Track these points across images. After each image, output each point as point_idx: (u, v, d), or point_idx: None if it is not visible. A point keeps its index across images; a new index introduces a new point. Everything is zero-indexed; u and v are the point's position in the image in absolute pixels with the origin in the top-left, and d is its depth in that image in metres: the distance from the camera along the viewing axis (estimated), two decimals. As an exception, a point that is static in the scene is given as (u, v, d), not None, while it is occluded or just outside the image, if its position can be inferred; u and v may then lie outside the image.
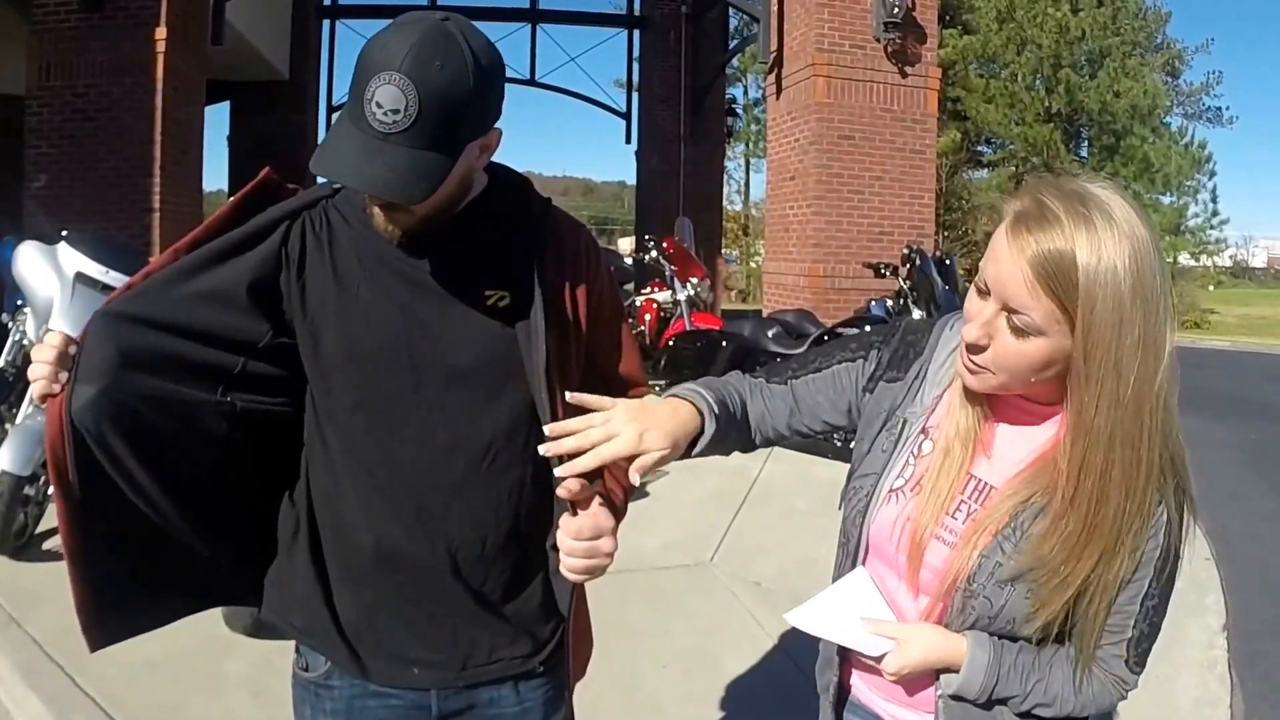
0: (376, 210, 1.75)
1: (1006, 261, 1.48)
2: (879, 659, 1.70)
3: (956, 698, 1.67)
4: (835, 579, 1.84)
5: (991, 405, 1.68)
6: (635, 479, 1.60)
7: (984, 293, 1.54)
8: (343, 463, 1.82)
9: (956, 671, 1.66)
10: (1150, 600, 1.61)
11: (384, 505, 1.81)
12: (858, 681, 1.89)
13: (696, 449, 1.71)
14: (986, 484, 1.67)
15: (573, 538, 1.73)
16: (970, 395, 1.66)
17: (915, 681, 1.73)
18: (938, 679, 1.70)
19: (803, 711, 4.18)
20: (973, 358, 1.58)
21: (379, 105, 1.56)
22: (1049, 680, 1.65)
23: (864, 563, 1.79)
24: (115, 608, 1.85)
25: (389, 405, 1.79)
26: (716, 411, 1.73)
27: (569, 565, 1.75)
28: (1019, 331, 1.50)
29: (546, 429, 1.64)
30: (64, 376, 1.66)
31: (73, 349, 1.67)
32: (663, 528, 6.43)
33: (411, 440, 1.80)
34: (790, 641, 4.91)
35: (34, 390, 1.67)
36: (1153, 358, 1.46)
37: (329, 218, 1.83)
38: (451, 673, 1.90)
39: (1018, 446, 1.67)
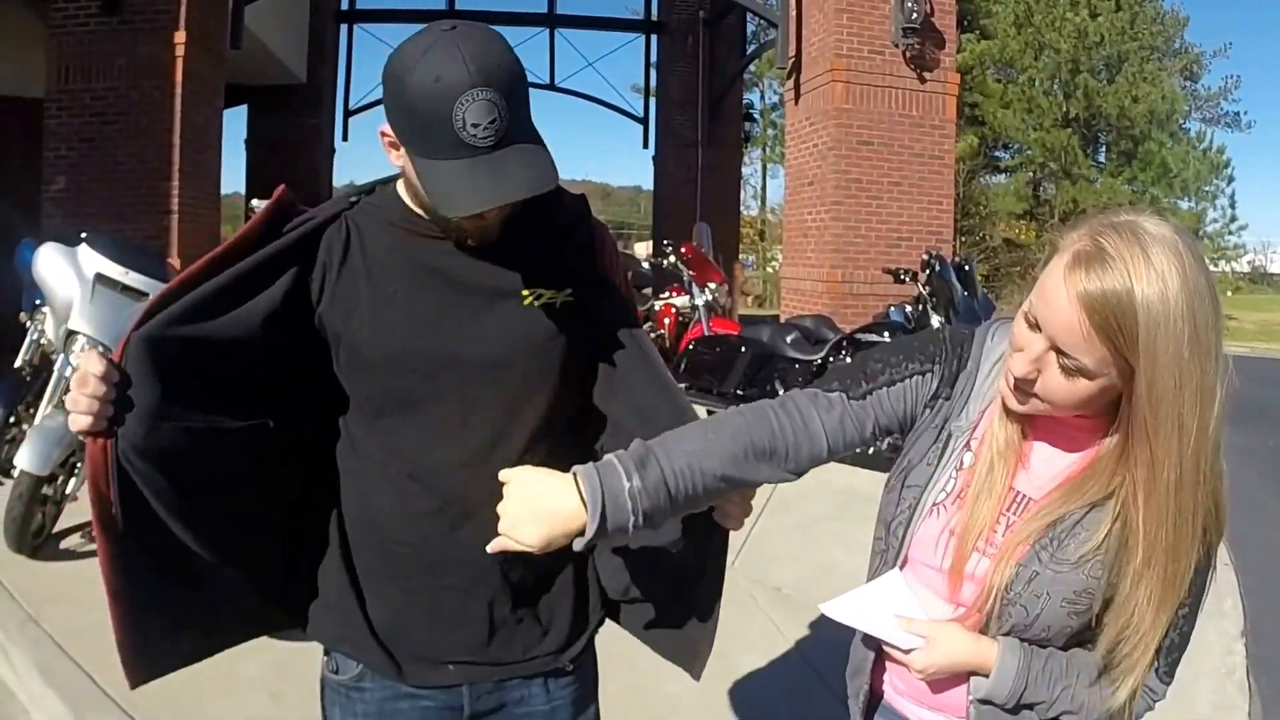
0: (464, 224, 1.75)
1: (1061, 306, 1.46)
2: (908, 651, 1.71)
3: (986, 702, 1.68)
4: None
5: (1031, 420, 1.67)
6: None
7: (1034, 327, 1.52)
8: (382, 467, 1.83)
9: (986, 675, 1.66)
10: (1182, 610, 1.62)
11: (428, 506, 1.82)
12: (889, 688, 1.90)
13: (577, 546, 1.61)
14: (1026, 496, 1.67)
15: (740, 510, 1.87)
16: (1010, 412, 1.65)
17: (947, 686, 1.74)
18: (969, 683, 1.70)
19: (820, 716, 4.19)
20: (1019, 387, 1.57)
21: (475, 125, 1.56)
22: (1076, 688, 1.66)
23: (899, 568, 1.80)
24: (157, 643, 1.80)
25: (433, 405, 1.80)
26: (614, 507, 1.58)
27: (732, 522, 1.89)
28: (1068, 372, 1.49)
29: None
30: (109, 412, 1.58)
31: (115, 376, 1.59)
32: (681, 532, 6.41)
33: (455, 438, 1.81)
34: (808, 647, 4.91)
35: (75, 425, 1.58)
36: (1209, 407, 1.45)
37: (358, 225, 1.83)
38: (486, 668, 1.91)
39: (1055, 461, 1.67)
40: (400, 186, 1.86)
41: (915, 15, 11.74)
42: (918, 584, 1.77)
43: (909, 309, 8.92)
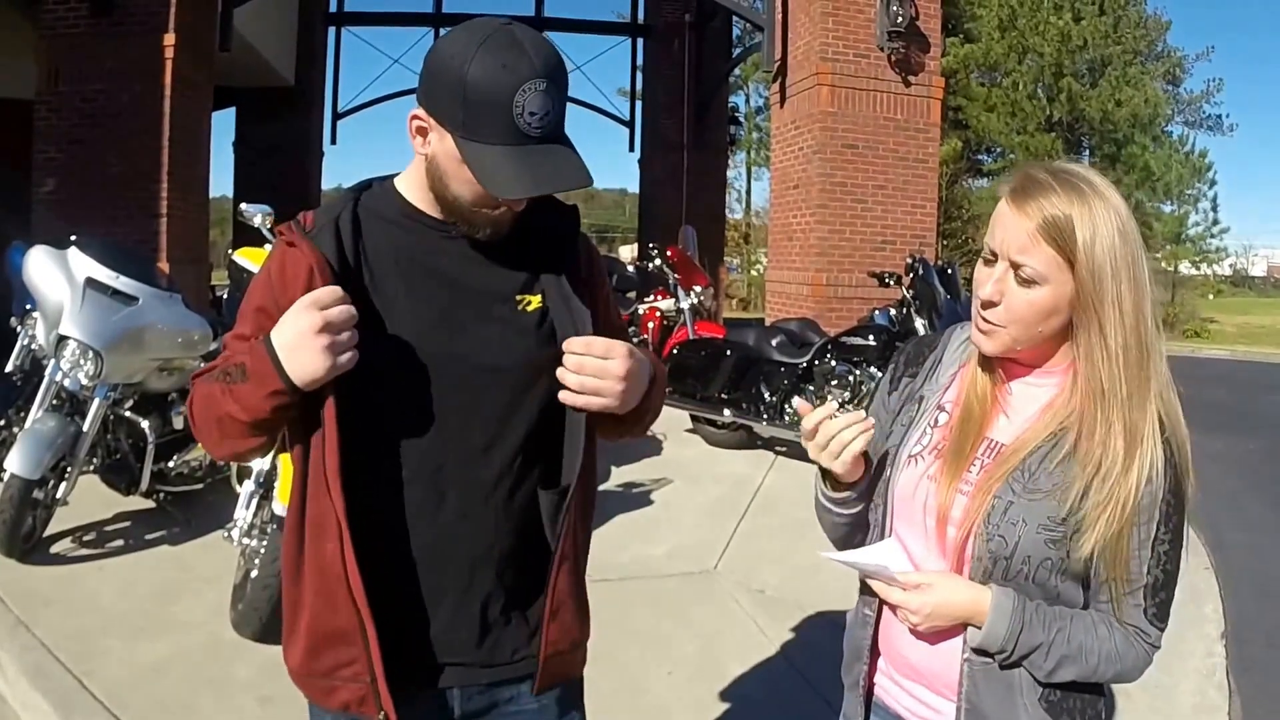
0: (480, 218, 1.81)
1: (1011, 224, 1.71)
2: (906, 590, 1.77)
3: (981, 652, 1.74)
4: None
5: (1003, 373, 1.86)
6: None
7: (990, 261, 1.76)
8: (379, 468, 1.83)
9: (980, 628, 1.73)
10: (1161, 545, 1.72)
11: (424, 508, 1.84)
12: (882, 678, 1.96)
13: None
14: (998, 442, 1.81)
15: (582, 350, 1.79)
16: (985, 363, 1.85)
17: (943, 638, 1.80)
18: (964, 636, 1.77)
19: (804, 717, 4.23)
20: (986, 316, 1.76)
21: (532, 114, 1.66)
22: (1071, 628, 1.73)
23: (891, 531, 1.89)
24: None
25: (432, 407, 1.82)
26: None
27: (570, 381, 1.80)
28: (1026, 283, 1.70)
29: None
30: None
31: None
32: (667, 536, 6.50)
33: (452, 441, 1.83)
34: (793, 648, 4.95)
35: (343, 365, 1.70)
36: (1142, 295, 1.70)
37: (359, 221, 1.86)
38: (476, 670, 1.92)
39: (1026, 405, 1.83)
40: (400, 182, 1.90)
41: (900, 19, 11.80)
42: (909, 535, 1.86)
43: (893, 312, 8.93)
